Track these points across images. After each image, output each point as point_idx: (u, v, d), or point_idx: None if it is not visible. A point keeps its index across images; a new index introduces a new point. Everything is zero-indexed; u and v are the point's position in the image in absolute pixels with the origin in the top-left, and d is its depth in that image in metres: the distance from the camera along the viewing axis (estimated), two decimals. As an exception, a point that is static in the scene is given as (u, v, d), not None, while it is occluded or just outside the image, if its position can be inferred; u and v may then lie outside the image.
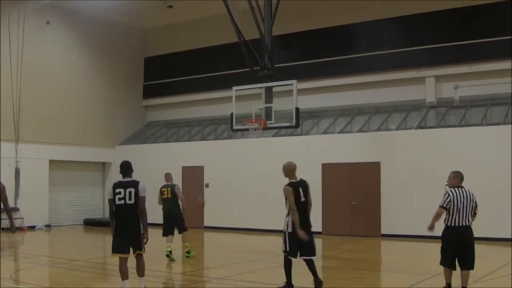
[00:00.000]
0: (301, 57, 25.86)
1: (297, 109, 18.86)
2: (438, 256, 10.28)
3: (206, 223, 25.65)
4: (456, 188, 10.09)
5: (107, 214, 26.89)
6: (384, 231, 21.39)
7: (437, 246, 10.41)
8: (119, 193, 9.94)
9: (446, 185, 10.30)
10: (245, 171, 24.34)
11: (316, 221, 22.30)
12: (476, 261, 10.05)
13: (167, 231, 16.06)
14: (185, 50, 29.65)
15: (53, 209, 26.76)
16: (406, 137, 21.56)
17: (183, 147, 27.05)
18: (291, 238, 10.50)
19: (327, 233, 22.40)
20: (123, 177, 10.23)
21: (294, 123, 19.43)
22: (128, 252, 10.03)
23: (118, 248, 9.95)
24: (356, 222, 22.18)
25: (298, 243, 10.47)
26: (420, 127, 21.96)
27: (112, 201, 10.00)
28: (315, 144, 23.23)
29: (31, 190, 24.92)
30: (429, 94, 23.23)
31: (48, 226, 25.73)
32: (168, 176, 17.00)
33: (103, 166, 29.12)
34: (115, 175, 27.77)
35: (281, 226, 10.75)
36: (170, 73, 30.34)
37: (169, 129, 29.68)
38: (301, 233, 10.32)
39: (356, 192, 22.26)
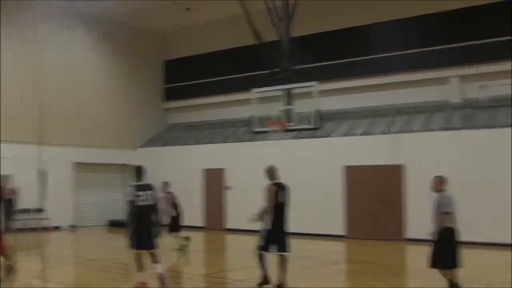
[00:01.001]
0: (321, 58, 25.68)
1: (318, 111, 18.74)
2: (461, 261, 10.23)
3: (227, 225, 25.63)
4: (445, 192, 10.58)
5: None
6: (408, 235, 21.10)
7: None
8: (140, 195, 10.90)
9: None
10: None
11: (339, 225, 22.34)
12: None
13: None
14: (205, 52, 29.63)
15: (78, 210, 26.95)
16: (430, 138, 21.26)
17: (204, 150, 27.05)
18: (270, 235, 11.10)
19: (350, 236, 22.24)
20: (138, 180, 11.20)
21: (315, 125, 19.34)
22: (147, 248, 10.98)
23: (139, 244, 10.87)
24: (379, 225, 21.94)
25: (275, 239, 11.12)
26: (444, 128, 21.63)
27: (132, 202, 10.85)
28: (336, 146, 23.09)
29: (56, 191, 25.07)
30: (453, 95, 22.92)
31: (73, 226, 25.92)
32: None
33: (125, 168, 29.15)
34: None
35: (300, 228, 10.88)
36: (191, 76, 30.38)
37: (190, 131, 29.69)
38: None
39: (379, 195, 22.05)
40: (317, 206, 22.98)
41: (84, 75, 27.78)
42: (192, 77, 30.33)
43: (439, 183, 10.65)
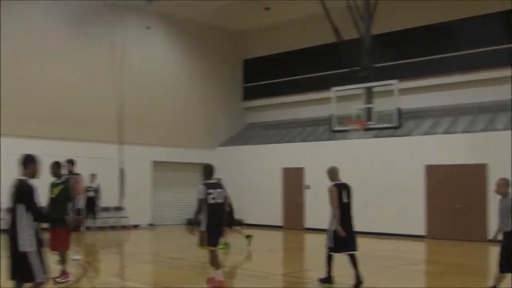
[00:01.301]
0: (402, 56, 25.27)
1: (398, 109, 18.49)
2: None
3: (306, 225, 25.56)
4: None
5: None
6: (491, 236, 20.48)
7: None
8: (211, 193, 11.11)
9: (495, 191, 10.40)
10: (345, 173, 23.95)
11: (420, 224, 21.95)
12: None
13: None
14: (284, 51, 29.61)
15: (156, 208, 27.35)
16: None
17: (284, 149, 27.03)
18: (335, 235, 11.31)
19: (431, 237, 21.83)
20: (208, 178, 11.45)
21: (395, 124, 19.08)
22: (216, 246, 11.23)
23: (212, 241, 11.10)
24: (461, 226, 21.43)
25: (342, 240, 11.30)
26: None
27: (203, 201, 11.06)
28: (417, 145, 22.69)
29: (135, 190, 25.53)
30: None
31: (151, 225, 26.32)
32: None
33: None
34: (218, 176, 28.04)
35: (379, 228, 10.75)
36: (269, 75, 30.41)
37: (269, 130, 29.72)
38: (340, 230, 11.20)
39: (461, 195, 21.53)
40: (397, 206, 22.65)
41: (164, 75, 28.17)
42: (271, 76, 30.36)
43: (503, 186, 10.27)
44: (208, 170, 11.55)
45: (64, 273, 11.62)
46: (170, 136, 27.82)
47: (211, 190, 11.15)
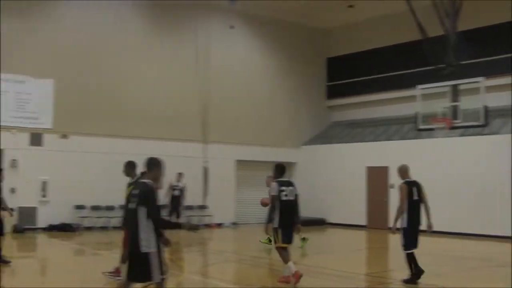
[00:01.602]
0: (487, 53, 24.53)
1: (485, 107, 18.05)
2: None
3: (391, 224, 25.18)
4: None
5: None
6: None
7: None
8: (284, 190, 11.46)
9: None
10: (431, 172, 23.59)
11: (506, 225, 21.31)
12: None
13: None
14: (368, 49, 29.32)
15: (240, 207, 27.53)
16: None
17: (368, 147, 26.78)
18: (408, 233, 11.72)
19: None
20: (279, 176, 11.77)
21: (482, 122, 18.64)
22: (290, 242, 11.60)
23: (286, 239, 11.43)
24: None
25: (414, 237, 11.74)
26: None
27: (276, 197, 11.39)
28: (504, 144, 22.05)
29: (219, 189, 25.83)
30: None
31: (234, 224, 26.54)
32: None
33: (288, 166, 29.34)
34: (300, 175, 28.09)
35: (464, 228, 10.65)
36: (353, 73, 30.14)
37: (353, 129, 29.50)
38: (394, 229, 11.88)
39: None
40: (483, 205, 22.10)
41: (248, 74, 28.35)
42: (355, 74, 30.09)
43: None
44: (280, 169, 11.86)
45: (116, 271, 11.86)
46: (254, 135, 27.98)
47: (283, 188, 11.48)
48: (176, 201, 23.68)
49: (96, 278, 11.97)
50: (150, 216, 7.48)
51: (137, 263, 7.55)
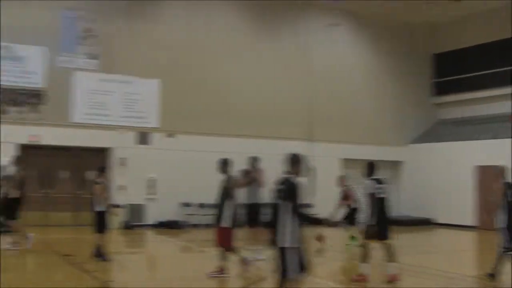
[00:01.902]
0: None
1: None
2: None
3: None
4: None
5: (403, 212, 26.88)
6: None
7: None
8: (379, 188, 11.76)
9: None
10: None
11: None
12: None
13: None
14: (477, 43, 28.38)
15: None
16: None
17: (477, 146, 25.93)
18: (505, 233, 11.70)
19: None
20: (371, 174, 12.00)
21: None
22: (385, 239, 11.70)
23: (381, 234, 11.62)
24: None
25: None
26: None
27: (372, 195, 11.64)
28: None
29: (324, 188, 25.68)
30: None
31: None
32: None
33: (394, 165, 28.91)
34: (406, 174, 27.59)
35: None
36: (462, 69, 29.24)
37: (462, 126, 28.63)
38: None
39: None
40: None
41: (351, 72, 28.05)
42: (463, 71, 29.19)
43: None
44: (372, 167, 12.12)
45: (221, 270, 12.06)
46: (359, 134, 27.67)
47: (378, 185, 11.80)
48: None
49: (200, 276, 12.11)
50: (295, 211, 7.70)
51: (279, 258, 7.78)
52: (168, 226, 22.52)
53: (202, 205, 23.09)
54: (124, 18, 23.53)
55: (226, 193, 12.22)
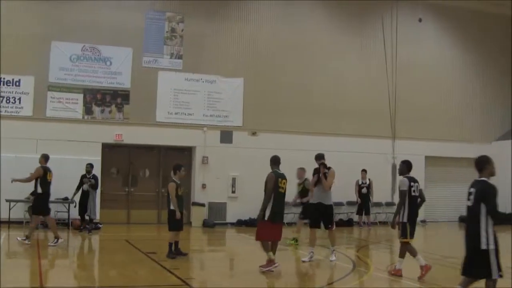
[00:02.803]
0: None
1: None
2: None
3: None
4: None
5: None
6: None
7: None
8: (413, 186, 11.94)
9: None
10: None
11: None
12: None
13: None
14: None
15: (429, 205, 26.62)
16: None
17: None
18: None
19: None
20: (407, 173, 12.19)
21: None
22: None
23: (412, 232, 12.01)
24: None
25: None
26: None
27: (406, 193, 11.85)
28: None
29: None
30: None
31: (423, 221, 25.83)
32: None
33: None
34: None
35: None
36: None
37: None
38: None
39: None
40: None
41: (437, 68, 27.44)
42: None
43: None
44: (409, 165, 12.31)
45: (269, 262, 12.30)
46: (443, 131, 27.03)
47: (412, 183, 11.94)
48: (364, 198, 23.60)
49: (279, 274, 12.13)
50: (489, 212, 7.92)
51: (476, 260, 8.02)
52: (249, 225, 22.58)
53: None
54: (208, 18, 23.82)
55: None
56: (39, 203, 15.94)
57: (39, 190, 15.87)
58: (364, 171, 23.58)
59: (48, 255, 15.01)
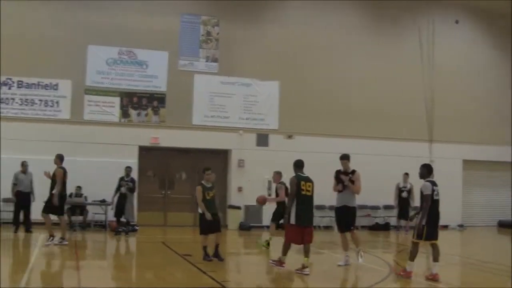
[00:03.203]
0: None
1: None
2: None
3: None
4: None
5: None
6: None
7: None
8: (435, 190, 11.89)
9: None
10: None
11: None
12: None
13: None
14: None
15: (467, 209, 26.45)
16: None
17: None
18: None
19: None
20: (428, 176, 12.12)
21: None
22: (435, 239, 12.22)
23: (431, 235, 12.03)
24: None
25: None
26: None
27: (429, 197, 11.82)
28: None
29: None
30: None
31: (461, 226, 25.56)
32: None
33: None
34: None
35: None
36: None
37: None
38: None
39: None
40: None
41: (474, 70, 27.13)
42: None
43: None
44: (429, 169, 12.27)
45: (280, 261, 12.71)
46: (481, 134, 26.70)
47: (435, 187, 11.92)
48: (404, 202, 23.31)
49: (315, 278, 12.07)
50: None
51: None
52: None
53: (319, 207, 22.81)
54: (243, 21, 23.89)
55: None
56: (56, 202, 15.86)
57: (55, 190, 15.85)
58: (406, 174, 23.15)
59: (86, 256, 15.17)
